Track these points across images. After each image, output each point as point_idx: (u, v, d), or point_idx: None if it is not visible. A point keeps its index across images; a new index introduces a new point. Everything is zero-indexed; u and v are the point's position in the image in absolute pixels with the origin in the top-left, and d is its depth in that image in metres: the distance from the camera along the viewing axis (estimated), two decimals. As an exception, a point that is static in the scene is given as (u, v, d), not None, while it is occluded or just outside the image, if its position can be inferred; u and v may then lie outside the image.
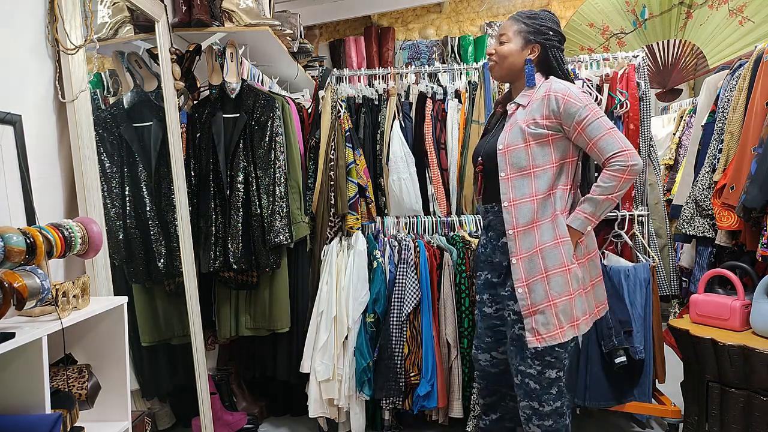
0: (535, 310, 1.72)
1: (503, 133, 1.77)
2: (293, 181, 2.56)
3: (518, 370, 1.80)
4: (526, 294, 1.72)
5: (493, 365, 1.98)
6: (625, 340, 2.34)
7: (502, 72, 1.85)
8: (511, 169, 1.73)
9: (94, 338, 1.56)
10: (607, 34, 4.16)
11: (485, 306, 1.96)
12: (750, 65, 2.26)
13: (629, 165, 1.66)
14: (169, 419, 2.56)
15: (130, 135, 2.25)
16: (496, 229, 1.84)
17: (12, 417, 1.20)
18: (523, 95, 1.80)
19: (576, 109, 1.69)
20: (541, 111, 1.73)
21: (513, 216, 1.73)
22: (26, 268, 1.24)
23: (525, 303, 1.73)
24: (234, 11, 2.59)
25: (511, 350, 1.82)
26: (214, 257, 2.44)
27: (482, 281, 1.96)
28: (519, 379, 1.81)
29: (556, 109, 1.71)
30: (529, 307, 1.72)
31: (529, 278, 1.72)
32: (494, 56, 1.84)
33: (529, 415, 1.82)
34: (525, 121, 1.74)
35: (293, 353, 2.61)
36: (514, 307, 1.79)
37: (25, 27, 1.65)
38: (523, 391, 1.81)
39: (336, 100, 2.64)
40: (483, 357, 1.99)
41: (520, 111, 1.78)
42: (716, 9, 3.70)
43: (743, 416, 1.87)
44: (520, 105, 1.79)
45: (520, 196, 1.73)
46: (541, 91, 1.76)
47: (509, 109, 1.82)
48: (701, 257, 2.49)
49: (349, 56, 5.17)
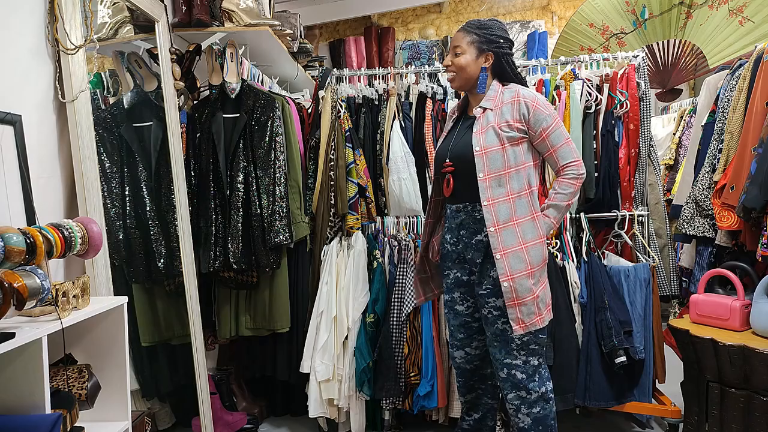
0: (519, 302, 1.80)
1: (477, 136, 1.83)
2: (293, 181, 2.56)
3: (504, 364, 1.87)
4: (511, 288, 1.79)
5: (467, 361, 2.04)
6: (625, 340, 2.34)
7: (461, 82, 1.93)
8: (489, 170, 1.81)
9: (94, 338, 1.56)
10: (607, 34, 4.16)
11: (456, 304, 2.01)
12: (750, 65, 2.26)
13: (581, 174, 1.86)
14: (169, 419, 2.56)
15: (130, 135, 2.25)
16: (468, 228, 1.91)
17: (12, 417, 1.20)
18: (488, 99, 1.89)
19: (544, 116, 1.83)
20: (512, 114, 1.83)
21: (493, 214, 1.81)
22: (26, 268, 1.24)
23: (510, 296, 1.79)
24: (234, 11, 2.59)
25: (495, 346, 1.88)
26: (214, 257, 2.44)
27: (452, 280, 2.01)
28: (505, 373, 1.87)
29: (526, 114, 1.83)
30: (514, 299, 1.79)
31: (515, 273, 1.79)
32: (452, 68, 1.91)
33: (517, 405, 1.88)
34: (497, 124, 1.83)
35: (293, 353, 2.61)
36: (495, 303, 1.86)
37: (25, 27, 1.65)
38: (510, 383, 1.87)
39: (336, 100, 2.64)
40: (458, 354, 2.04)
41: (489, 114, 1.86)
42: (716, 9, 3.70)
43: (743, 416, 1.87)
44: (486, 109, 1.87)
45: (497, 195, 1.81)
46: (508, 96, 1.87)
47: (476, 113, 1.89)
48: (701, 257, 2.49)
49: (349, 56, 5.17)
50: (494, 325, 1.87)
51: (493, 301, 1.86)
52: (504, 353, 1.86)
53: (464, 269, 1.97)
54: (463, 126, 1.97)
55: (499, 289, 1.82)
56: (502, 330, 1.86)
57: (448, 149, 1.95)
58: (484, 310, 1.90)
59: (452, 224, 1.97)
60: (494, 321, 1.87)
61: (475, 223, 1.89)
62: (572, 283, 2.46)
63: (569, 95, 2.52)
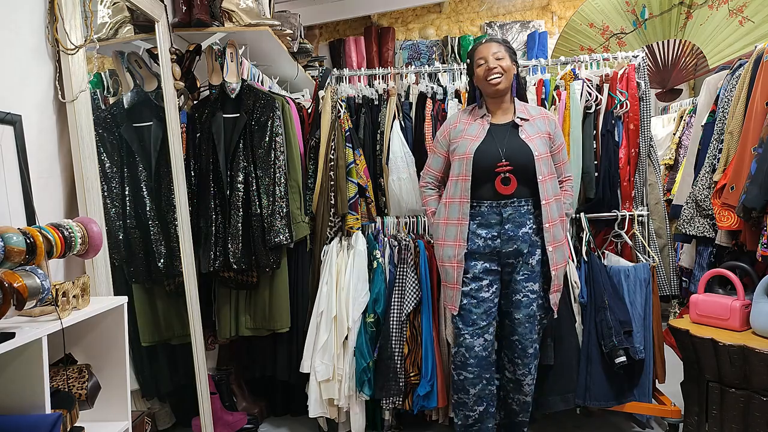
0: (557, 288, 2.17)
1: (532, 142, 2.09)
2: (293, 181, 2.56)
3: (533, 341, 2.15)
4: (557, 276, 2.14)
5: (484, 348, 2.15)
6: (625, 340, 2.34)
7: (507, 83, 2.12)
8: (545, 172, 2.09)
9: (94, 338, 1.56)
10: (607, 34, 4.16)
11: (482, 291, 2.13)
12: (750, 65, 2.26)
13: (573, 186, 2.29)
14: (169, 419, 2.56)
15: (130, 135, 2.25)
16: (514, 222, 2.10)
17: (12, 417, 1.20)
18: (520, 111, 2.16)
19: (560, 134, 2.21)
20: (545, 128, 2.15)
21: (548, 212, 2.09)
22: (26, 268, 1.24)
23: (555, 283, 2.15)
24: (234, 11, 2.59)
25: (527, 326, 2.14)
26: (214, 257, 2.44)
27: (479, 270, 2.14)
28: (533, 348, 2.16)
29: (552, 129, 2.17)
30: (557, 285, 2.16)
31: (559, 264, 2.14)
32: (498, 69, 2.08)
33: (534, 374, 2.19)
34: (539, 134, 2.12)
35: (293, 353, 2.61)
36: (533, 287, 2.13)
37: (25, 27, 1.65)
38: (533, 356, 2.17)
39: (336, 100, 2.64)
40: (478, 342, 2.14)
41: (527, 125, 2.14)
42: (716, 9, 3.70)
43: (743, 416, 1.87)
44: (523, 119, 2.14)
45: (551, 195, 2.11)
46: (534, 112, 2.19)
47: (517, 121, 2.14)
48: (701, 257, 2.49)
49: (349, 56, 5.17)
50: (529, 307, 2.13)
51: (530, 286, 2.13)
52: (532, 331, 2.15)
53: (494, 261, 2.15)
54: (499, 132, 2.14)
55: (536, 275, 2.13)
56: (534, 311, 2.14)
57: (498, 151, 2.09)
58: (518, 294, 2.13)
59: (491, 220, 2.12)
60: (530, 303, 2.14)
61: (521, 217, 2.11)
62: (572, 283, 2.46)
63: (569, 95, 2.52)
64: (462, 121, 2.21)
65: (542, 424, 2.62)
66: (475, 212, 2.14)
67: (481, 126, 2.16)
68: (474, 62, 2.15)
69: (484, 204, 2.12)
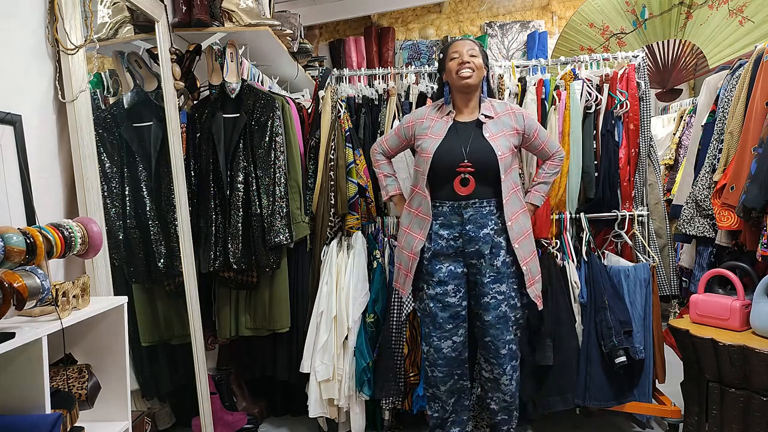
0: (534, 280, 2.12)
1: (494, 141, 2.06)
2: (293, 181, 2.56)
3: (506, 341, 2.12)
4: (528, 270, 2.10)
5: (453, 350, 2.17)
6: (625, 340, 2.34)
7: (477, 80, 2.10)
8: (506, 170, 2.06)
9: (94, 338, 1.56)
10: (607, 34, 4.16)
11: (448, 296, 2.13)
12: (750, 65, 2.26)
13: (563, 156, 2.26)
14: (169, 419, 2.56)
15: (130, 135, 2.25)
16: (476, 222, 2.07)
17: (12, 417, 1.20)
18: (485, 109, 2.14)
19: (531, 121, 2.18)
20: (512, 124, 2.13)
21: (510, 208, 2.07)
22: (26, 268, 1.24)
23: (528, 277, 2.10)
24: (234, 11, 2.59)
25: (498, 328, 2.10)
26: (214, 257, 2.44)
27: (445, 273, 2.12)
28: (507, 349, 2.12)
29: (521, 123, 2.15)
30: (531, 279, 2.11)
31: (526, 258, 2.11)
32: (470, 64, 2.07)
33: (511, 374, 2.15)
34: (503, 132, 2.10)
35: (293, 353, 2.61)
36: (499, 288, 2.09)
37: (25, 27, 1.65)
38: (509, 356, 2.13)
39: (336, 100, 2.64)
40: (446, 344, 2.16)
41: (490, 122, 2.11)
42: (716, 9, 3.70)
43: (743, 416, 1.87)
44: (488, 117, 2.12)
45: (511, 190, 2.09)
46: (500, 108, 2.17)
47: (481, 119, 2.12)
48: (701, 257, 2.48)
49: (349, 56, 5.17)
50: (498, 309, 2.09)
51: (497, 287, 2.09)
52: (506, 332, 2.11)
53: (459, 262, 2.13)
54: (463, 130, 2.11)
55: (503, 276, 2.08)
56: (504, 312, 2.10)
57: (461, 151, 2.06)
58: (486, 297, 2.09)
59: (452, 220, 2.10)
60: (498, 305, 2.09)
61: (482, 218, 2.07)
62: (572, 283, 2.46)
63: (569, 95, 2.52)
64: (429, 117, 2.18)
65: (542, 424, 2.62)
66: (437, 212, 2.11)
67: (445, 124, 2.13)
68: (447, 56, 2.13)
69: (446, 204, 2.10)
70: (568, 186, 2.53)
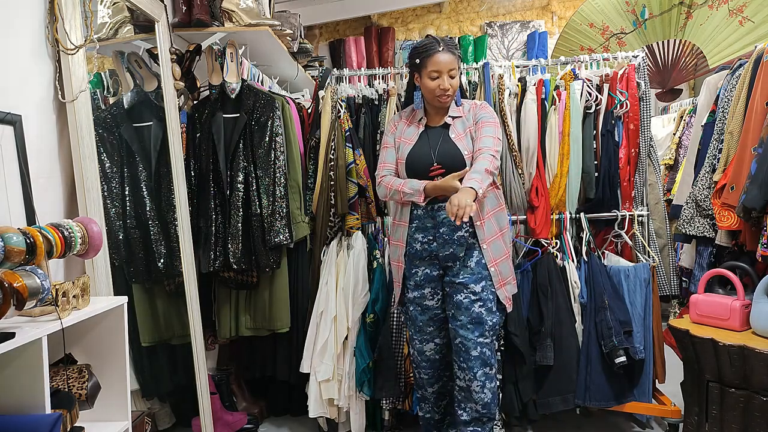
0: (504, 282, 2.11)
1: (461, 141, 2.06)
2: (293, 181, 2.56)
3: (477, 343, 2.05)
4: (497, 272, 2.09)
5: (437, 351, 2.19)
6: (625, 340, 2.34)
7: (451, 100, 2.11)
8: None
9: (94, 338, 1.56)
10: (607, 34, 4.16)
11: (426, 299, 2.16)
12: (750, 65, 2.26)
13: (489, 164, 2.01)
14: (169, 419, 2.56)
15: (130, 135, 2.24)
16: (449, 224, 2.06)
17: (12, 417, 1.20)
18: (454, 110, 2.12)
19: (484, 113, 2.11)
20: (472, 120, 2.11)
21: (483, 208, 2.06)
22: (26, 268, 1.24)
23: (497, 278, 2.08)
24: (234, 11, 2.59)
25: (469, 329, 2.05)
26: (214, 257, 2.44)
27: (421, 277, 2.14)
28: (478, 351, 2.05)
29: (477, 114, 2.11)
30: (501, 280, 2.10)
31: (496, 260, 2.09)
32: (449, 91, 2.05)
33: (483, 381, 2.07)
34: (469, 130, 2.09)
35: (293, 353, 2.61)
36: (474, 288, 2.05)
37: (25, 27, 1.65)
38: (480, 361, 2.06)
39: (336, 100, 2.64)
40: (428, 347, 2.19)
41: (457, 122, 2.11)
42: (716, 9, 3.70)
43: (743, 416, 1.87)
44: (455, 117, 2.12)
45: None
46: (467, 106, 2.15)
47: (448, 121, 2.11)
48: (701, 257, 2.48)
49: (349, 56, 5.16)
50: (470, 309, 2.05)
51: (472, 287, 2.05)
52: (478, 334, 2.05)
53: (434, 266, 2.13)
54: (433, 133, 2.12)
55: (477, 276, 2.06)
56: (478, 314, 2.05)
57: (430, 154, 2.08)
58: (460, 296, 2.06)
59: (426, 223, 2.10)
60: (470, 305, 2.05)
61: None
62: (572, 283, 2.46)
63: (569, 95, 2.52)
64: (403, 121, 2.20)
65: (542, 425, 2.62)
66: (413, 215, 2.12)
67: (417, 130, 2.15)
68: (424, 68, 2.04)
69: (420, 208, 2.10)
70: (568, 186, 2.53)
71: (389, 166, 2.18)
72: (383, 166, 2.19)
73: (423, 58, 2.04)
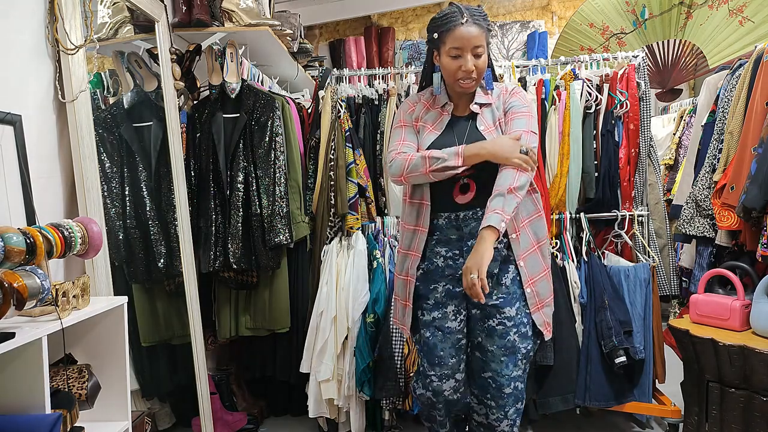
0: (542, 304, 1.76)
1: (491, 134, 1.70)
2: (293, 181, 2.56)
3: (511, 378, 1.71)
4: (534, 293, 1.74)
5: (455, 390, 1.78)
6: (625, 340, 2.34)
7: (477, 85, 1.72)
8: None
9: (94, 338, 1.56)
10: (607, 34, 4.16)
11: (448, 320, 1.75)
12: (750, 65, 2.26)
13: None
14: (169, 419, 2.56)
15: (130, 135, 2.25)
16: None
17: (12, 417, 1.20)
18: (481, 95, 1.75)
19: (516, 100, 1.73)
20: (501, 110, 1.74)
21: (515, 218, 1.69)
22: (26, 268, 1.24)
23: (534, 300, 1.74)
24: (234, 11, 2.59)
25: (503, 361, 1.70)
26: (214, 257, 2.44)
27: (441, 293, 1.75)
28: (512, 387, 1.72)
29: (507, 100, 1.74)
30: (539, 302, 1.75)
31: (533, 278, 1.74)
32: (474, 73, 1.66)
33: (514, 419, 1.76)
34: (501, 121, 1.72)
35: (293, 353, 2.61)
36: (509, 313, 1.70)
37: (25, 27, 1.65)
38: (513, 397, 1.73)
39: (336, 100, 2.64)
40: (448, 385, 1.76)
41: (486, 111, 1.74)
42: (716, 9, 3.70)
43: (743, 416, 1.87)
44: (483, 105, 1.74)
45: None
46: (496, 91, 1.77)
47: (474, 109, 1.73)
48: (701, 257, 2.48)
49: (349, 56, 5.16)
50: (505, 338, 1.70)
51: (507, 311, 1.70)
52: (512, 367, 1.71)
53: (458, 281, 1.72)
54: (459, 125, 1.74)
55: (513, 297, 1.71)
56: (513, 342, 1.70)
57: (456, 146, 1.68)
58: (492, 320, 1.71)
59: (451, 235, 1.74)
60: (505, 333, 1.70)
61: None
62: (572, 283, 2.46)
63: (569, 95, 2.52)
64: (422, 103, 1.81)
65: (542, 425, 2.62)
66: (433, 226, 1.76)
67: (440, 116, 1.76)
68: (443, 45, 1.66)
69: (441, 216, 1.74)
70: (568, 186, 2.53)
71: (409, 145, 1.74)
72: (402, 142, 1.75)
73: (442, 32, 1.66)
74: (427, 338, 1.76)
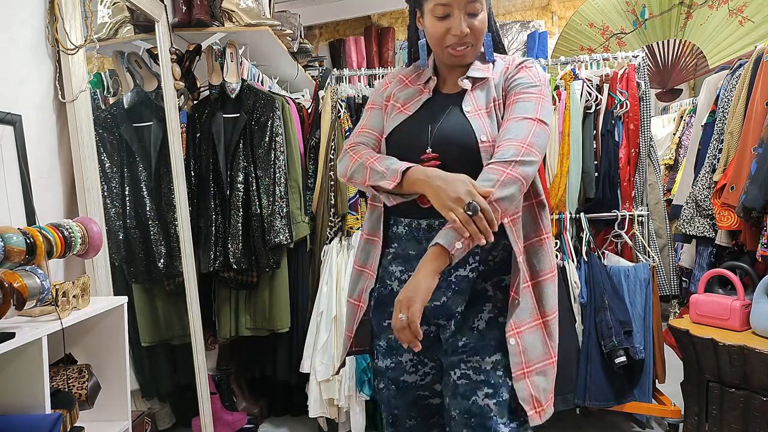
0: (529, 368, 1.18)
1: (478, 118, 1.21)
2: (293, 181, 2.56)
3: None
4: (520, 348, 1.17)
5: None
6: (625, 340, 2.34)
7: (475, 53, 1.27)
8: None
9: (94, 338, 1.57)
10: (607, 34, 4.16)
11: (405, 373, 1.31)
12: (750, 65, 2.26)
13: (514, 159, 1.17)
14: (169, 419, 2.56)
15: (130, 135, 2.25)
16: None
17: (12, 417, 1.20)
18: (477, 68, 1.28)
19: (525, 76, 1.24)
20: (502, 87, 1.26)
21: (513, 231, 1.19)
22: (26, 268, 1.24)
23: (518, 360, 1.17)
24: (234, 11, 2.59)
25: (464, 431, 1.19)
26: (214, 257, 2.44)
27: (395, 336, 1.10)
28: None
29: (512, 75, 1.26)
30: (524, 365, 1.17)
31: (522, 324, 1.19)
32: (469, 38, 1.21)
33: None
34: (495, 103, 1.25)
35: (293, 353, 2.61)
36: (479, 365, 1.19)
37: (25, 27, 1.65)
38: None
39: (336, 100, 2.64)
40: None
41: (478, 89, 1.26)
42: (716, 9, 3.70)
43: (743, 416, 1.87)
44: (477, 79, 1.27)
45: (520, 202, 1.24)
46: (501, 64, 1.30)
47: (464, 85, 1.26)
48: (701, 257, 2.48)
49: (349, 56, 5.16)
50: (470, 399, 1.18)
51: (473, 361, 1.19)
52: None
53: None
54: (440, 102, 1.29)
55: (487, 344, 1.20)
56: (481, 407, 1.16)
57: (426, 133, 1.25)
58: (454, 374, 1.22)
59: (410, 250, 1.26)
60: (470, 392, 1.18)
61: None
62: (572, 283, 2.46)
63: (569, 95, 2.52)
64: (399, 78, 1.37)
65: (542, 424, 2.62)
66: (391, 234, 1.31)
67: (419, 95, 1.31)
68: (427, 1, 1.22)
69: (401, 223, 1.28)
70: (568, 186, 2.53)
71: (368, 133, 1.33)
72: (359, 131, 1.35)
73: None
74: (381, 390, 1.35)
